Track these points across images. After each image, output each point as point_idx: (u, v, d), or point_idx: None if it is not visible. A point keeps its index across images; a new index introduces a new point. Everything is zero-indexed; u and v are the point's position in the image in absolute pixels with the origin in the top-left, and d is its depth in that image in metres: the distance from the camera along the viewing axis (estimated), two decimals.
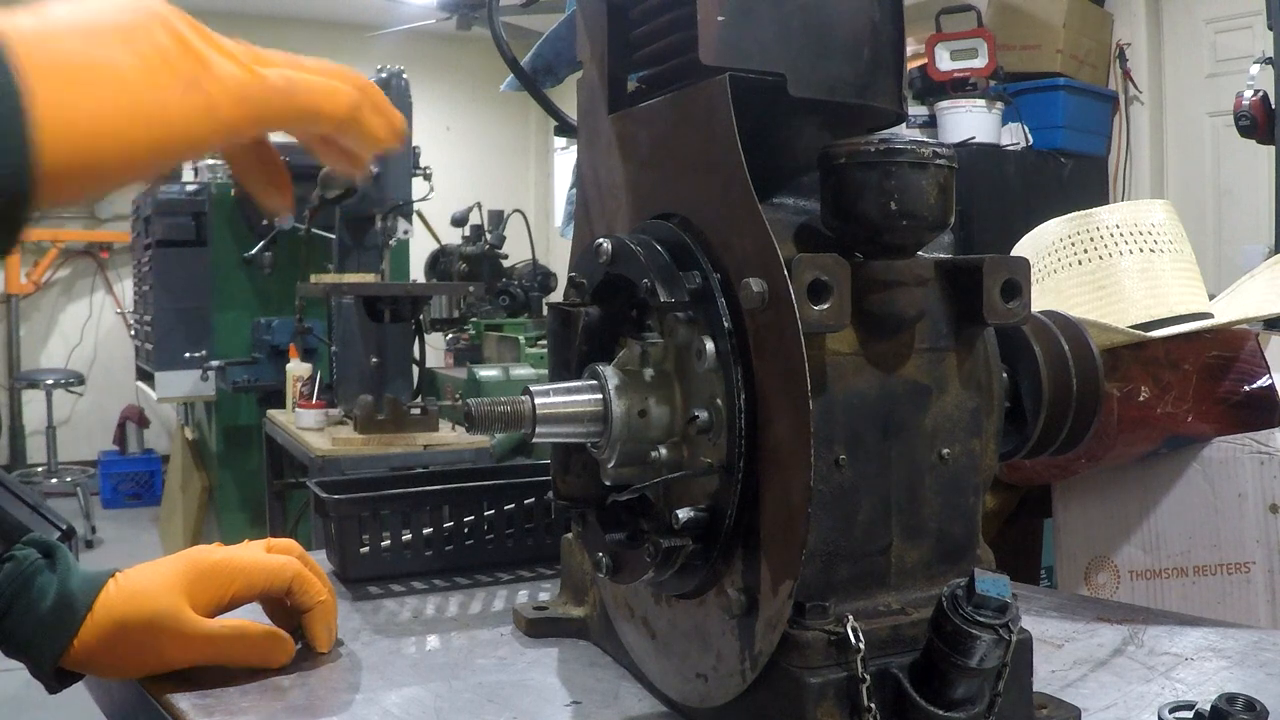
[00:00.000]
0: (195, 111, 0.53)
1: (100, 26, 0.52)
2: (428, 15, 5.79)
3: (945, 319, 0.67)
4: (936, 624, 0.59)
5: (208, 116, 0.53)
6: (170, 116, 0.52)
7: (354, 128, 0.60)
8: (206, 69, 0.53)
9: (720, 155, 0.64)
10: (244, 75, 0.55)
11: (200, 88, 0.53)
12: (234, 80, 0.54)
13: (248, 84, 0.55)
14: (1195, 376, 1.08)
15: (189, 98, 0.52)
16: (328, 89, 0.58)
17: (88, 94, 0.50)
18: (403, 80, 3.33)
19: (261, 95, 0.55)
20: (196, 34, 0.55)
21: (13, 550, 0.77)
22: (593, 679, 0.82)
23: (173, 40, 0.53)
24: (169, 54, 0.53)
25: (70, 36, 0.50)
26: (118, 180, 0.52)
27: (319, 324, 3.81)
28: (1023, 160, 4.12)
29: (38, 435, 6.71)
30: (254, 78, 0.55)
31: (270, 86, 0.56)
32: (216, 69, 0.54)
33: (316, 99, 0.58)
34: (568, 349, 0.74)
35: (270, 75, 0.56)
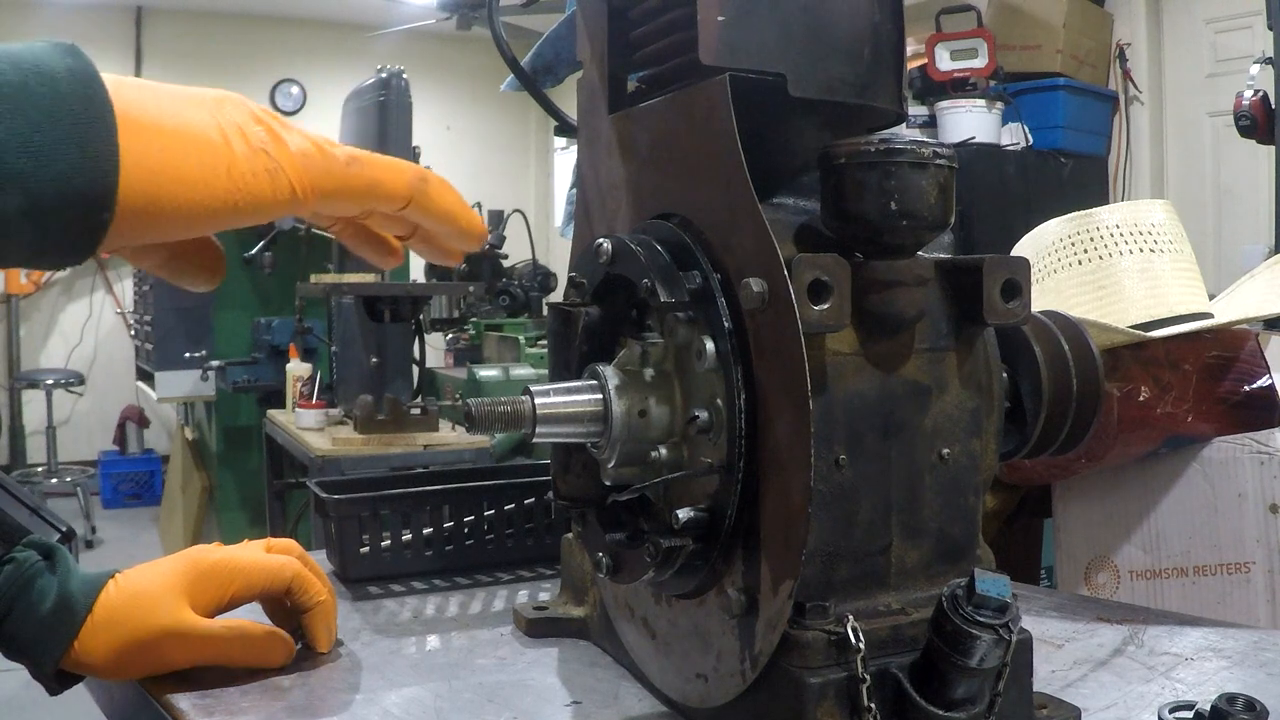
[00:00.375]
0: (261, 173, 0.55)
1: (188, 94, 0.56)
2: (428, 15, 5.79)
3: (945, 319, 0.67)
4: (936, 624, 0.59)
5: (273, 182, 0.56)
6: (237, 175, 0.55)
7: (420, 203, 0.62)
8: (277, 140, 0.57)
9: (720, 155, 0.64)
10: (311, 147, 0.58)
11: (269, 155, 0.56)
12: (301, 150, 0.57)
13: (313, 155, 0.58)
14: (1195, 376, 1.08)
15: (257, 160, 0.55)
16: (392, 165, 0.61)
17: (166, 144, 0.53)
18: (403, 80, 3.33)
19: (326, 166, 0.58)
20: (271, 116, 0.58)
21: (13, 552, 0.77)
22: (593, 679, 0.82)
23: (248, 115, 0.57)
24: (243, 123, 0.56)
25: (160, 95, 0.54)
26: (180, 229, 0.55)
27: (319, 324, 3.82)
28: (1023, 160, 4.12)
29: (38, 435, 6.71)
30: (320, 151, 0.58)
31: (335, 160, 0.58)
32: (287, 140, 0.57)
33: (380, 174, 0.60)
34: (568, 349, 0.74)
35: (336, 151, 0.59)
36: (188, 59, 7.48)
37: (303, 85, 7.86)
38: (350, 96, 3.57)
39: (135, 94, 0.53)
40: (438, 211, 0.63)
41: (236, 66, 7.62)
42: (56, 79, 0.50)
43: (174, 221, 0.54)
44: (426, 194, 0.62)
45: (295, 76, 7.87)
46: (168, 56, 7.46)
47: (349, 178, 0.59)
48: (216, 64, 7.55)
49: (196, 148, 0.54)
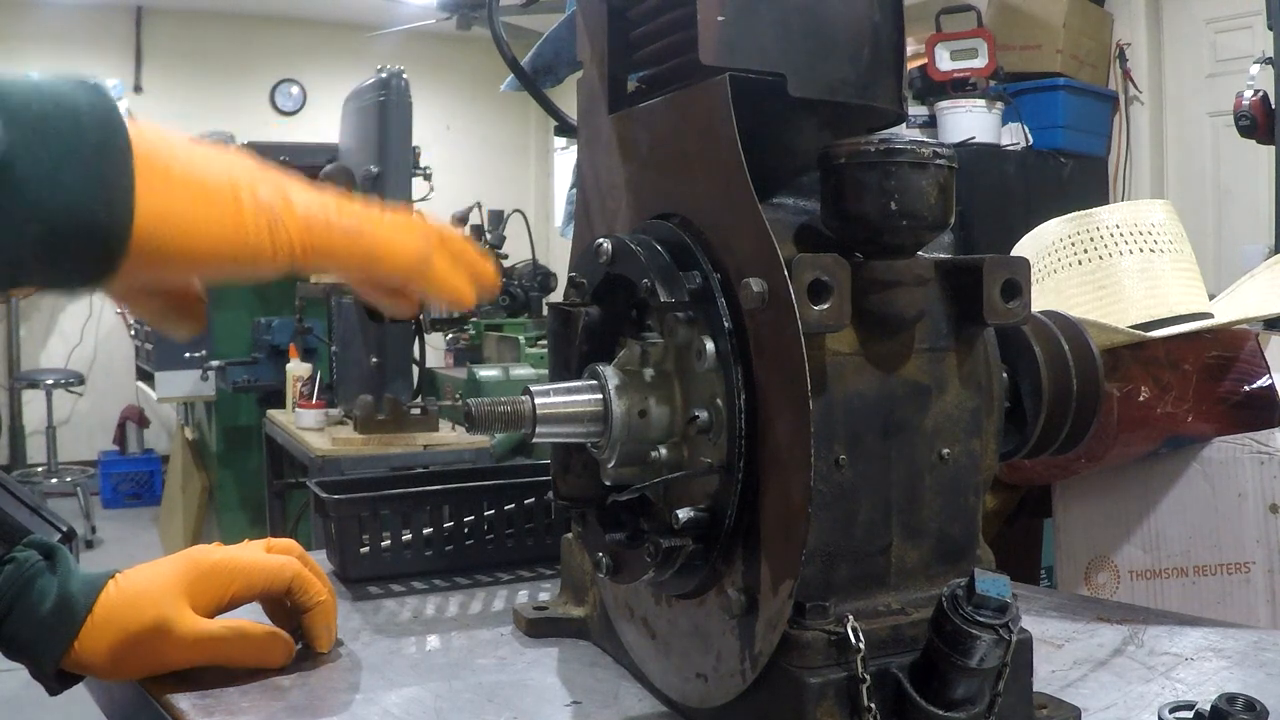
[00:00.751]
0: (264, 230, 0.57)
1: (199, 145, 0.57)
2: (428, 15, 5.79)
3: (945, 319, 0.67)
4: (936, 624, 0.59)
5: (273, 237, 0.57)
6: (242, 228, 0.56)
7: (421, 279, 0.63)
8: (284, 196, 0.58)
9: (720, 155, 0.64)
10: (317, 211, 0.59)
11: (275, 214, 0.57)
12: (306, 212, 0.58)
13: (317, 219, 0.58)
14: (1195, 376, 1.08)
15: (262, 215, 0.56)
16: (396, 240, 0.62)
17: (180, 189, 0.54)
18: (403, 80, 3.33)
19: (328, 232, 0.59)
20: (282, 175, 0.59)
21: (13, 552, 0.77)
22: (593, 679, 0.82)
23: (259, 172, 0.58)
24: (253, 179, 0.57)
25: (176, 141, 0.56)
26: (181, 273, 0.57)
27: (319, 324, 3.81)
28: (1023, 160, 4.12)
29: (38, 435, 6.71)
30: (325, 215, 0.59)
31: (340, 227, 0.59)
32: (294, 198, 0.58)
33: (382, 246, 0.61)
34: (568, 349, 0.74)
35: (343, 218, 0.60)
36: (188, 59, 7.48)
37: (303, 85, 7.86)
38: (350, 96, 3.57)
39: (153, 136, 0.54)
40: (442, 287, 0.64)
41: (236, 66, 7.62)
42: (79, 113, 0.51)
43: (178, 266, 0.55)
44: (427, 275, 0.63)
45: (295, 76, 7.86)
46: (168, 56, 7.46)
47: (350, 248, 0.60)
48: (216, 64, 7.56)
49: (207, 196, 0.55)
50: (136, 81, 7.43)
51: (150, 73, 7.47)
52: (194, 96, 7.35)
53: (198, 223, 0.54)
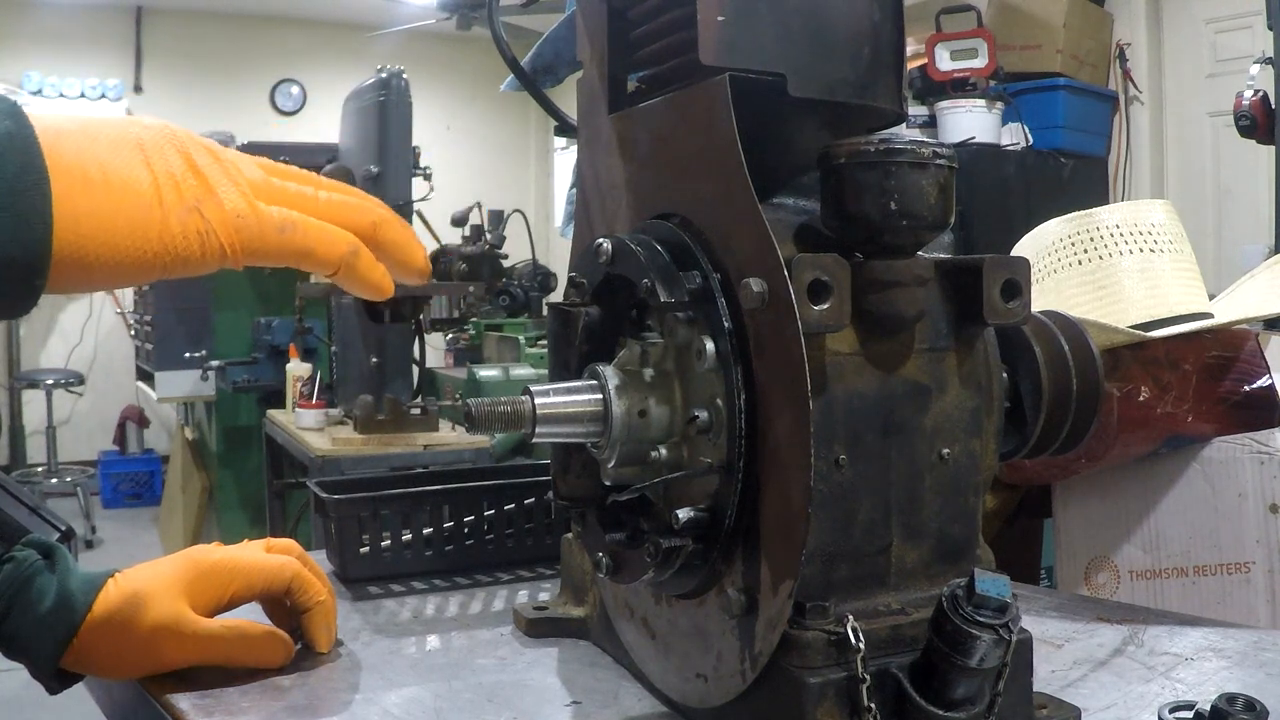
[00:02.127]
0: (191, 234, 0.56)
1: (122, 139, 0.56)
2: (428, 15, 5.79)
3: (945, 319, 0.67)
4: (936, 624, 0.59)
5: (201, 241, 0.57)
6: (167, 235, 0.55)
7: (346, 275, 0.63)
8: (211, 196, 0.57)
9: (720, 155, 0.64)
10: (245, 209, 0.58)
11: (200, 214, 0.56)
12: (235, 212, 0.57)
13: (247, 217, 0.58)
14: (1195, 376, 1.08)
15: (188, 221, 0.56)
16: (324, 236, 0.61)
17: (96, 200, 0.54)
18: (403, 80, 3.33)
19: (258, 231, 0.58)
20: (212, 160, 0.58)
21: (12, 551, 0.77)
22: (593, 679, 0.82)
23: (185, 164, 0.57)
24: (179, 176, 0.56)
25: (93, 143, 0.55)
26: (106, 282, 0.56)
27: (319, 324, 3.81)
28: (1023, 160, 4.12)
29: (38, 435, 6.71)
30: (254, 213, 0.58)
31: (269, 223, 0.59)
32: (221, 197, 0.57)
33: (311, 243, 0.61)
34: (568, 349, 0.74)
35: (271, 213, 0.59)
36: (188, 59, 7.48)
37: (303, 85, 7.86)
38: (350, 96, 3.57)
39: (70, 146, 0.54)
40: (362, 284, 0.64)
41: (236, 66, 7.62)
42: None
43: (103, 279, 0.55)
44: (354, 268, 0.63)
45: (295, 76, 7.87)
46: (168, 56, 7.46)
47: (280, 244, 0.60)
48: (216, 64, 7.56)
49: (128, 207, 0.55)
50: (136, 81, 7.44)
51: (150, 73, 7.47)
52: (194, 96, 7.35)
53: (119, 235, 0.54)
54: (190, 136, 0.59)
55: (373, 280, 0.64)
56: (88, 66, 7.19)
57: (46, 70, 7.03)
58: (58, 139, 0.54)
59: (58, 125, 0.55)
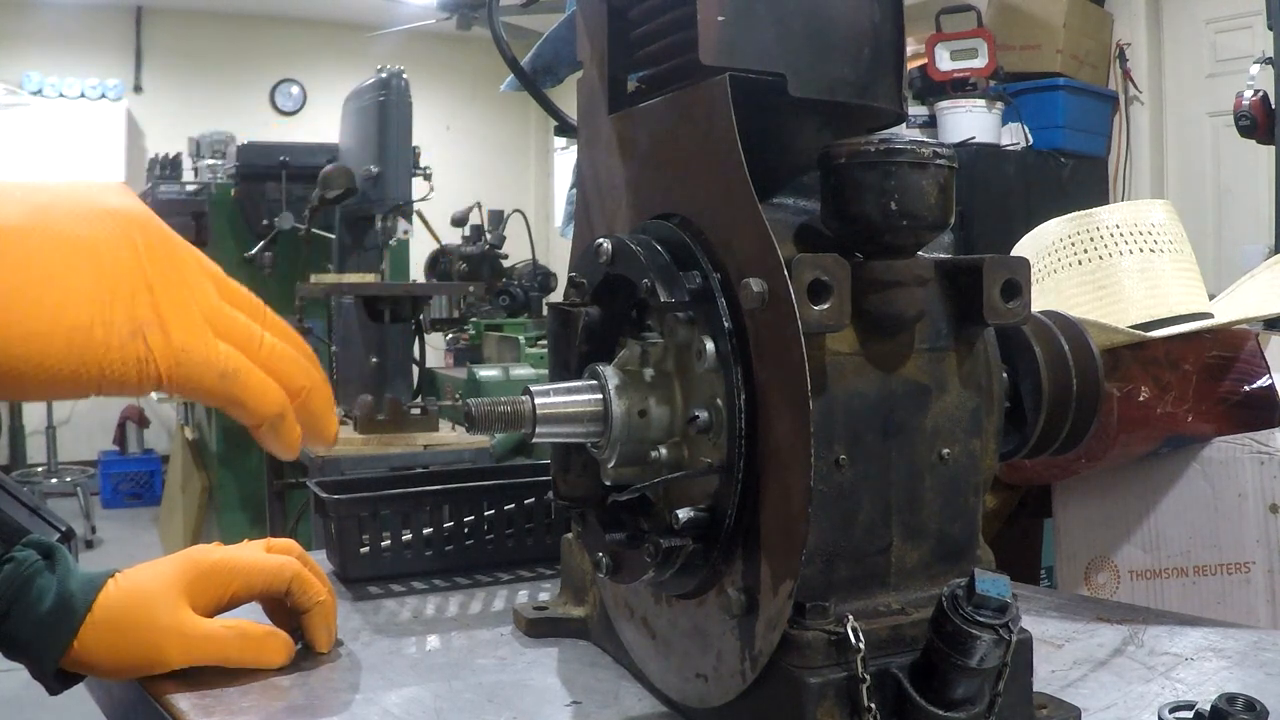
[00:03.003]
0: (130, 361, 0.54)
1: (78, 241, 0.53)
2: (428, 15, 5.79)
3: (945, 319, 0.67)
4: (936, 624, 0.59)
5: (139, 369, 0.54)
6: (107, 361, 0.53)
7: (267, 434, 0.62)
8: (159, 323, 0.55)
9: (720, 155, 0.64)
10: (192, 344, 0.56)
11: (145, 340, 0.54)
12: (180, 346, 0.55)
13: (191, 354, 0.56)
14: (1195, 376, 1.08)
15: (129, 346, 0.54)
16: (259, 391, 0.60)
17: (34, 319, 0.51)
18: (403, 80, 3.33)
19: (197, 372, 0.56)
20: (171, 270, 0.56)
21: (12, 552, 0.77)
22: (593, 679, 0.82)
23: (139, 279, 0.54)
24: (131, 292, 0.54)
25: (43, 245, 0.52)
26: (39, 397, 0.54)
27: (319, 324, 3.81)
28: (1023, 160, 4.12)
29: (38, 435, 6.71)
30: (200, 352, 0.56)
31: (209, 366, 0.57)
32: (169, 327, 0.55)
33: (246, 396, 0.59)
34: (568, 349, 0.74)
35: (217, 355, 0.57)
36: (188, 59, 7.48)
37: (303, 85, 7.87)
38: (350, 96, 3.57)
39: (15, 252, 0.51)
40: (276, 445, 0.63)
41: (236, 66, 7.62)
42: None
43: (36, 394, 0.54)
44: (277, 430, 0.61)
45: (295, 76, 7.87)
46: (168, 56, 7.46)
47: (214, 389, 0.58)
48: (216, 64, 7.56)
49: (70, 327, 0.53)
50: (136, 81, 7.44)
51: (150, 73, 7.47)
52: (194, 96, 7.35)
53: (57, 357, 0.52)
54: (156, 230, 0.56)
55: (286, 444, 0.63)
56: (88, 66, 7.19)
57: (46, 70, 7.03)
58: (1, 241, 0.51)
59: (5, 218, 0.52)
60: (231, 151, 5.29)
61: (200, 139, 5.65)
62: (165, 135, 6.91)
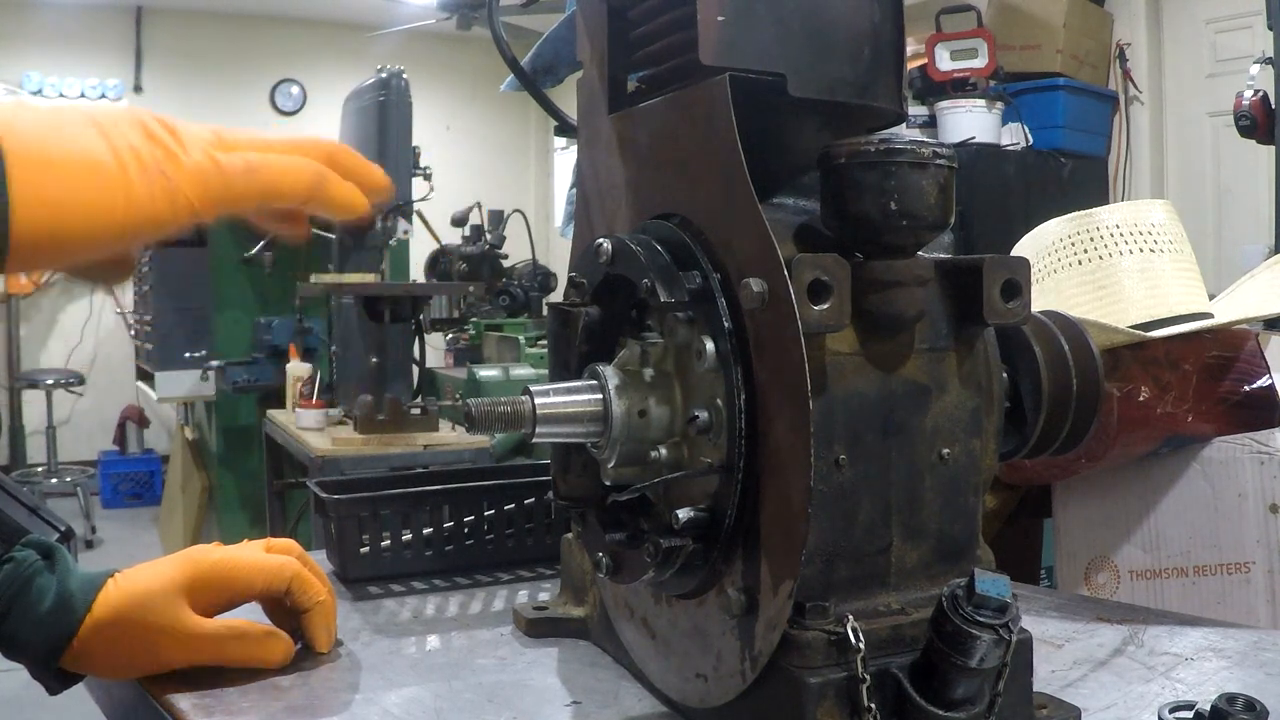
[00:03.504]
0: (160, 196, 0.57)
1: (75, 118, 0.57)
2: (428, 15, 5.79)
3: (945, 319, 0.67)
4: (936, 624, 0.59)
5: (170, 200, 0.57)
6: (136, 200, 0.56)
7: (317, 201, 0.64)
8: (172, 158, 0.58)
9: (720, 155, 0.64)
10: (206, 162, 0.59)
11: (165, 175, 0.57)
12: (197, 167, 0.59)
13: (209, 169, 0.59)
14: (1195, 376, 1.08)
15: (154, 183, 0.57)
16: (289, 168, 0.62)
17: (57, 175, 0.55)
18: (403, 80, 3.33)
19: (223, 179, 0.60)
20: (165, 129, 0.59)
21: (12, 552, 0.77)
22: (593, 679, 0.82)
23: (143, 135, 0.58)
24: (138, 146, 0.57)
25: (50, 126, 0.56)
26: (83, 254, 0.57)
27: (319, 324, 3.81)
28: (1023, 160, 4.12)
29: (38, 435, 6.71)
30: (215, 164, 0.59)
31: (232, 170, 0.60)
32: (181, 158, 0.58)
33: (276, 177, 0.62)
34: (568, 349, 0.74)
35: (233, 160, 0.60)
36: (188, 59, 7.48)
37: (303, 85, 7.86)
38: (350, 96, 3.57)
39: (29, 127, 0.55)
40: (338, 204, 0.64)
41: (236, 66, 7.62)
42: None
43: (74, 250, 0.56)
44: (325, 190, 0.64)
45: (295, 76, 7.86)
46: (168, 56, 7.46)
47: (247, 186, 0.60)
48: (216, 64, 7.55)
49: (92, 178, 0.56)
50: (136, 81, 7.43)
51: (150, 73, 7.47)
52: (194, 96, 7.35)
53: (88, 206, 0.55)
54: (144, 111, 0.60)
55: (345, 198, 0.65)
56: (88, 66, 7.19)
57: (46, 70, 7.03)
58: (12, 121, 0.55)
59: (9, 109, 0.56)
60: None
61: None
62: None
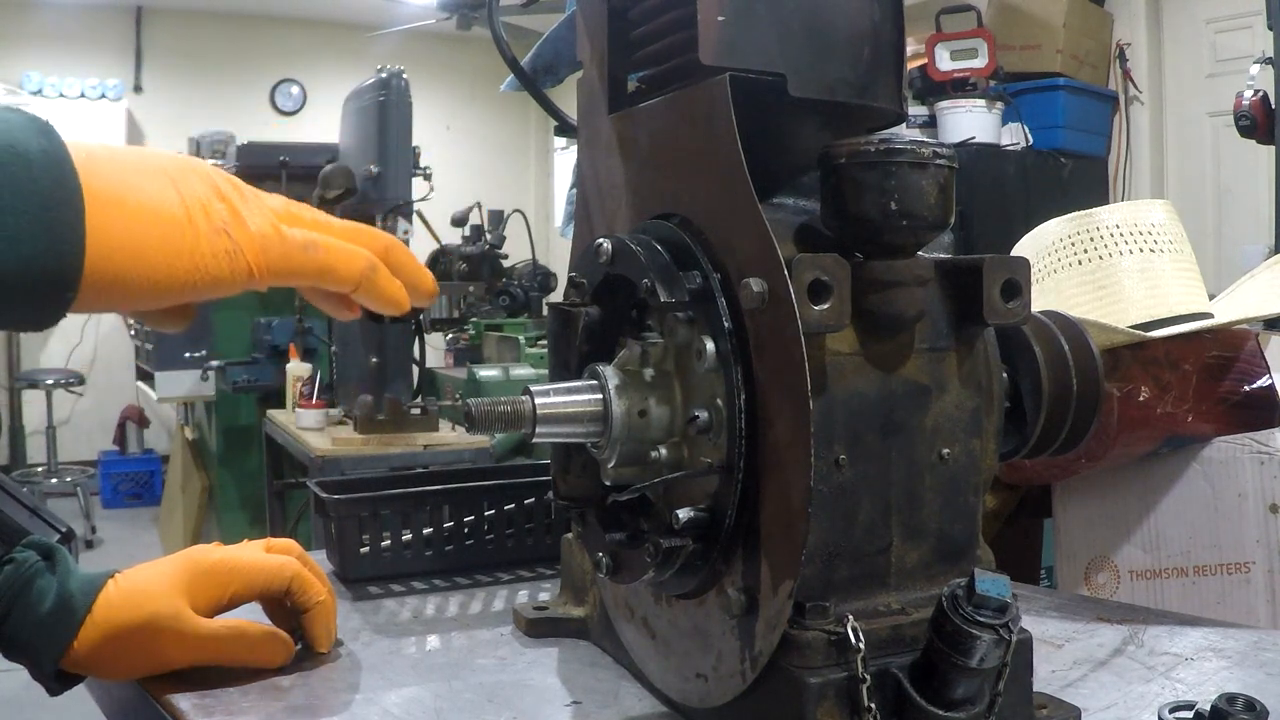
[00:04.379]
0: (221, 255, 0.58)
1: (150, 166, 0.58)
2: (428, 15, 5.79)
3: (945, 319, 0.67)
4: (936, 624, 0.59)
5: (230, 261, 0.58)
6: (198, 255, 0.57)
7: (367, 290, 0.65)
8: (237, 219, 0.59)
9: (720, 155, 0.64)
10: (270, 230, 0.60)
11: (229, 235, 0.58)
12: (260, 233, 0.59)
13: (271, 238, 0.60)
14: (1195, 376, 1.08)
15: (217, 242, 0.58)
16: (345, 253, 0.64)
17: (129, 219, 0.55)
18: (403, 80, 3.33)
19: (283, 250, 0.60)
20: (234, 189, 0.61)
21: (12, 553, 0.77)
22: (593, 679, 0.82)
23: (211, 191, 0.59)
24: (207, 201, 0.58)
25: (124, 168, 0.57)
26: (141, 300, 0.57)
27: (319, 324, 3.81)
28: (1023, 160, 4.12)
29: (38, 435, 6.71)
30: (278, 234, 0.60)
31: (293, 244, 0.61)
32: (246, 221, 0.59)
33: (333, 260, 0.63)
34: (568, 349, 0.74)
35: (295, 234, 0.61)
36: (188, 59, 7.48)
37: (303, 85, 7.86)
38: (350, 96, 3.57)
39: (103, 169, 0.55)
40: (382, 298, 0.66)
41: (236, 66, 7.62)
42: (30, 160, 0.52)
43: (135, 298, 0.56)
44: (375, 282, 0.65)
45: (295, 76, 7.87)
46: (168, 56, 7.46)
47: (304, 262, 0.61)
48: (216, 64, 7.56)
49: (161, 228, 0.56)
50: (136, 81, 7.43)
51: (150, 73, 7.47)
52: (194, 96, 7.35)
53: (153, 256, 0.56)
54: (215, 169, 0.61)
55: (391, 293, 0.66)
56: (88, 66, 7.19)
57: (46, 70, 7.03)
58: (89, 160, 0.55)
59: (89, 148, 0.56)
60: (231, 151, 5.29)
61: (200, 139, 5.65)
62: (165, 135, 6.92)
